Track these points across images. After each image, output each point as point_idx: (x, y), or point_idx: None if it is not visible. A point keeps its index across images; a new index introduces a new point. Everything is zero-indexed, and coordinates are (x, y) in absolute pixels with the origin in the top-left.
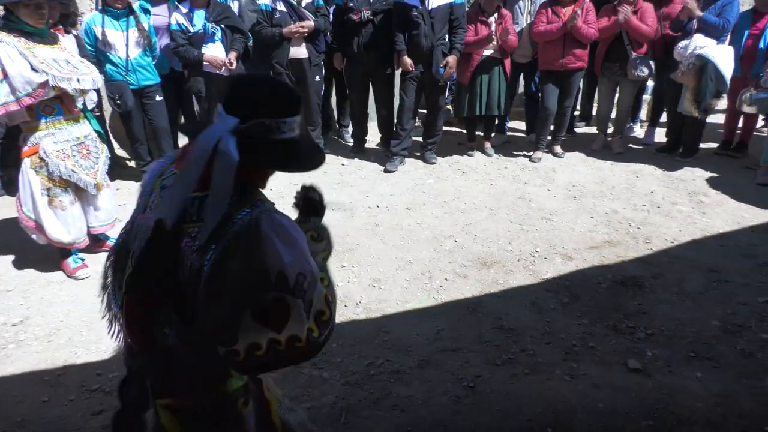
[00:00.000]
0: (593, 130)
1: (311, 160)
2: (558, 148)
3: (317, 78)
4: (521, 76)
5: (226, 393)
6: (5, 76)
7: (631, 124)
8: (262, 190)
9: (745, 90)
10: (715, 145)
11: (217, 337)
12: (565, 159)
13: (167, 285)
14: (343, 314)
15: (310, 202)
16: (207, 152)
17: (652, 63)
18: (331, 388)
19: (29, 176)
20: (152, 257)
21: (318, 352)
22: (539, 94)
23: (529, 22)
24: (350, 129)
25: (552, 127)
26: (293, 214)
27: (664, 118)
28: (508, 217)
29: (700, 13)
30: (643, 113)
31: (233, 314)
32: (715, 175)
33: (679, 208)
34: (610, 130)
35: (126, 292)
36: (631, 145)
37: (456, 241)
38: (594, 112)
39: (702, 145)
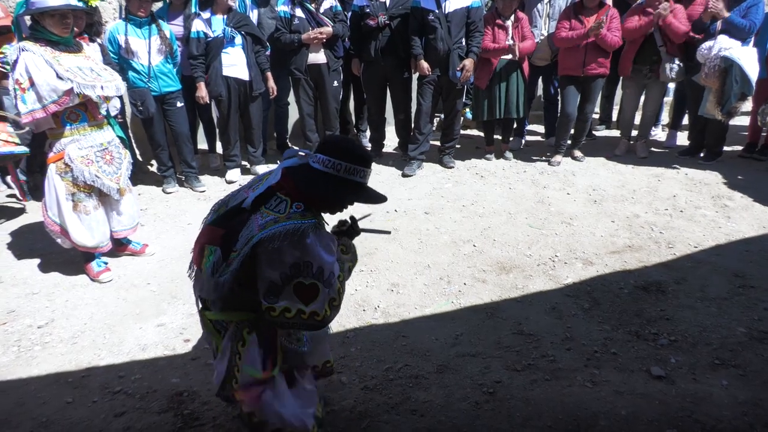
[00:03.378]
0: (613, 133)
1: (373, 199)
2: (578, 152)
3: (335, 83)
4: (540, 80)
5: (239, 320)
6: (32, 84)
7: (653, 127)
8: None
9: (765, 106)
10: (739, 147)
11: (265, 293)
12: (584, 163)
13: (227, 236)
14: (361, 318)
15: (347, 227)
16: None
17: (682, 65)
18: (349, 392)
19: (54, 181)
20: (231, 216)
21: (326, 325)
22: (558, 98)
23: (548, 25)
24: (368, 133)
25: (572, 132)
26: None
27: (685, 120)
28: (527, 222)
29: (726, 14)
30: (664, 116)
31: (282, 283)
32: (740, 178)
33: (702, 212)
34: (633, 134)
35: (207, 223)
36: (652, 148)
37: (475, 246)
38: (615, 116)
39: (726, 148)
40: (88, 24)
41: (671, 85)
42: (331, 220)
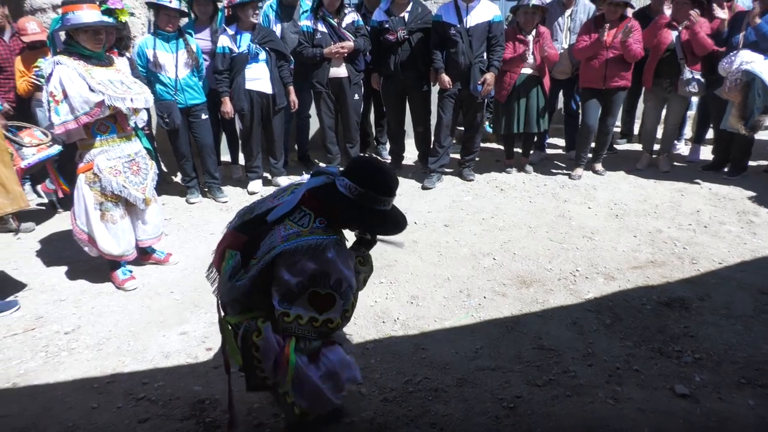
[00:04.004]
0: (635, 147)
1: (392, 228)
2: (599, 166)
3: (356, 96)
4: (560, 93)
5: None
6: (66, 96)
7: (675, 141)
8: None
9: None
10: (764, 162)
11: (281, 299)
12: (606, 177)
13: (249, 243)
14: (381, 330)
15: (366, 240)
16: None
17: (702, 80)
18: (369, 404)
19: (83, 191)
20: (255, 224)
21: (335, 332)
22: (579, 112)
23: (568, 39)
24: (388, 146)
25: (593, 145)
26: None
27: (709, 134)
28: (547, 235)
29: (758, 21)
30: (688, 130)
31: (298, 291)
32: (766, 193)
33: (727, 227)
34: (655, 148)
35: (231, 227)
36: (675, 162)
37: (494, 259)
38: (636, 129)
39: (751, 163)
40: (117, 38)
41: (694, 99)
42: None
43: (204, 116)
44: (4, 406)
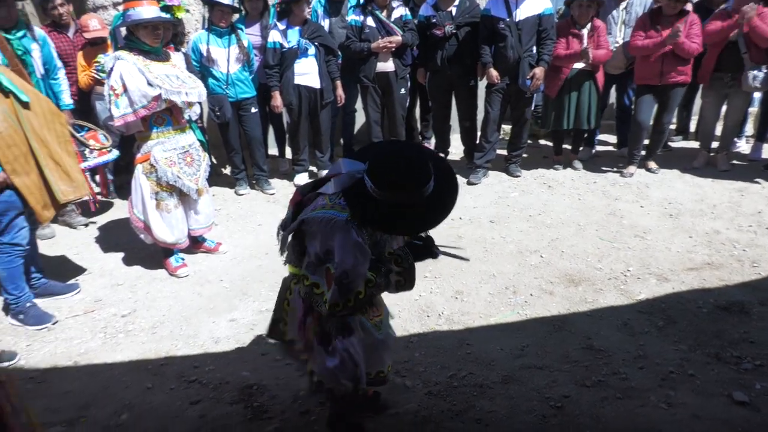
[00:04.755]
0: (691, 144)
1: (412, 226)
2: (652, 164)
3: (402, 91)
4: (613, 88)
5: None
6: (125, 90)
7: (735, 138)
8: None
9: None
10: None
11: (307, 264)
12: (659, 175)
13: (300, 204)
14: (425, 324)
15: (420, 244)
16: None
17: (766, 72)
18: (413, 396)
19: (141, 181)
20: (311, 188)
21: (340, 315)
22: (632, 107)
23: (623, 32)
24: (433, 141)
25: (646, 142)
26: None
27: None
28: (597, 234)
29: None
30: (749, 126)
31: (316, 262)
32: None
33: None
34: (713, 146)
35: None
36: (734, 161)
37: (542, 257)
38: (693, 126)
39: None
40: (173, 34)
41: (756, 95)
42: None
43: (254, 110)
44: (67, 383)
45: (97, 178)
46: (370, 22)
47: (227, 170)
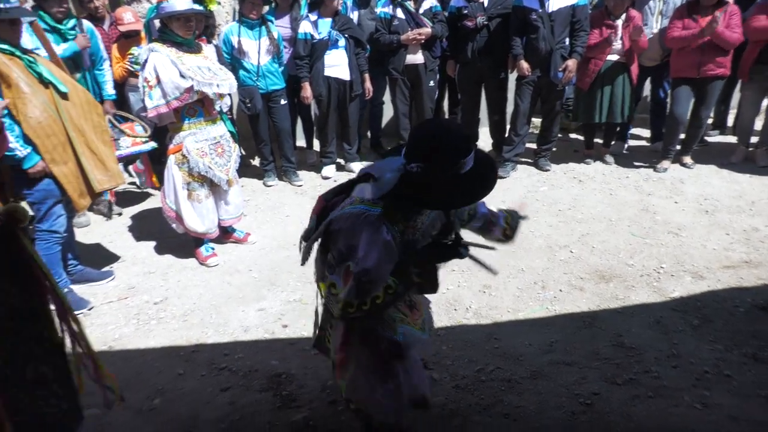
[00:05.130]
0: (728, 139)
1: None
2: (688, 159)
3: (431, 83)
4: (647, 81)
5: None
6: (158, 81)
7: None
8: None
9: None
10: None
11: (329, 266)
12: (695, 170)
13: (325, 210)
14: (453, 317)
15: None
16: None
17: None
18: (441, 389)
19: (173, 171)
20: (336, 193)
21: (350, 317)
22: (667, 100)
23: (659, 23)
24: None
25: (681, 136)
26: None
27: None
28: (629, 230)
29: None
30: None
31: (335, 261)
32: None
33: None
34: (752, 141)
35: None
36: None
37: (572, 252)
38: (730, 120)
39: None
40: (204, 26)
41: None
42: None
43: (283, 101)
44: None
45: (131, 168)
46: (399, 13)
47: (256, 161)
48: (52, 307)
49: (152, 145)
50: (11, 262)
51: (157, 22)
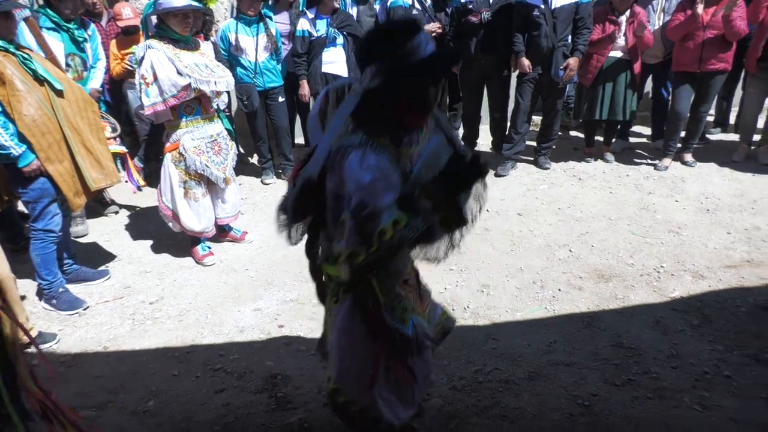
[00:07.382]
0: (730, 137)
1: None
2: (688, 156)
3: None
4: (649, 79)
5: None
6: (155, 79)
7: None
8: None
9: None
10: None
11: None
12: (696, 168)
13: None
14: None
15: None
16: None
17: None
18: (437, 391)
19: (170, 170)
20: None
21: (361, 271)
22: (669, 99)
23: (662, 20)
24: (461, 131)
25: (682, 134)
26: None
27: None
28: (629, 228)
29: None
30: None
31: (333, 202)
32: None
33: None
34: (755, 138)
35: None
36: None
37: (571, 251)
38: (732, 118)
39: None
40: (201, 23)
41: None
42: None
43: (281, 99)
44: (97, 368)
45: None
46: (418, 6)
47: (254, 159)
48: None
49: (121, 148)
50: None
51: (154, 19)
